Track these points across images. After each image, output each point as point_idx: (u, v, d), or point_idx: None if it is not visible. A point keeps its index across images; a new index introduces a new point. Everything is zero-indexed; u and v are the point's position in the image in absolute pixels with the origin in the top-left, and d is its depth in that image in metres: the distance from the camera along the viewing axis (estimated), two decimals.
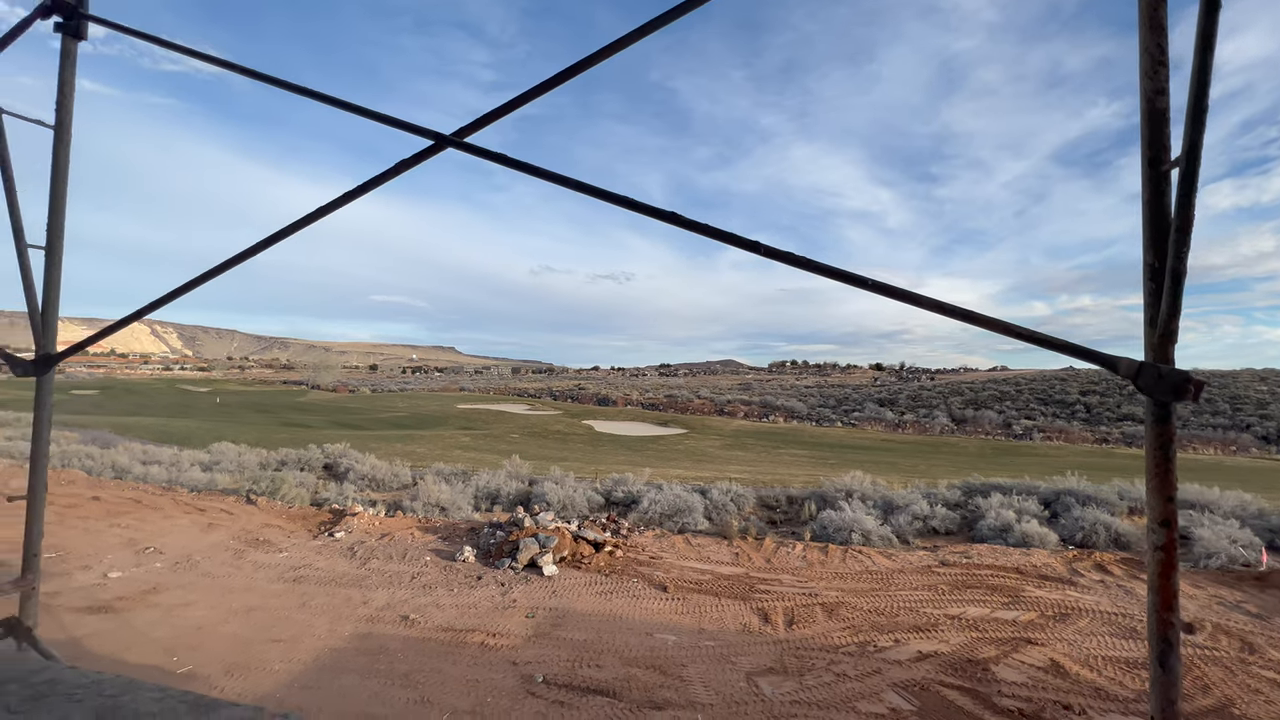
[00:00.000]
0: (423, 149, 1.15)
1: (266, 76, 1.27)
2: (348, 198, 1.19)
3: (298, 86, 1.27)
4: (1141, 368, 0.79)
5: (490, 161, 1.13)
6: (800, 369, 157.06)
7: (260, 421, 45.46)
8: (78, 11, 1.55)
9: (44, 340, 1.47)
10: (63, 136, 1.55)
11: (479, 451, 30.25)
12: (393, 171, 1.16)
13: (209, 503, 14.82)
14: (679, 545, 12.19)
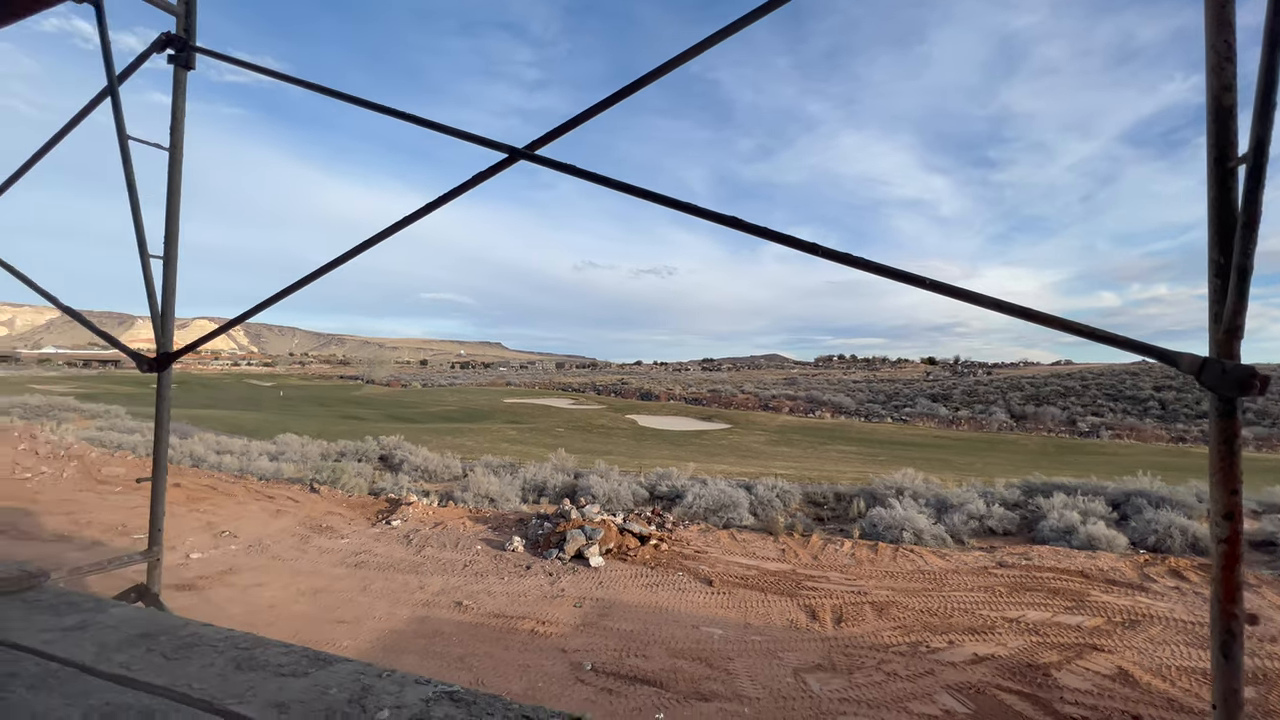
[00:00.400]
0: (497, 161, 1.25)
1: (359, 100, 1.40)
2: (430, 208, 1.30)
3: (387, 108, 1.38)
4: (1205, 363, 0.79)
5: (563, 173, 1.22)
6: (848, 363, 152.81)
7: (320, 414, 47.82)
8: (188, 45, 1.72)
9: (163, 340, 1.65)
10: (176, 157, 1.74)
11: (525, 445, 30.94)
12: (471, 183, 1.25)
13: (276, 490, 15.75)
14: (724, 540, 12.19)
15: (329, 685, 0.94)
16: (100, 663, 0.99)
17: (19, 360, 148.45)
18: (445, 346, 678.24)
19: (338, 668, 0.96)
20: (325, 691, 0.92)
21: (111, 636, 1.09)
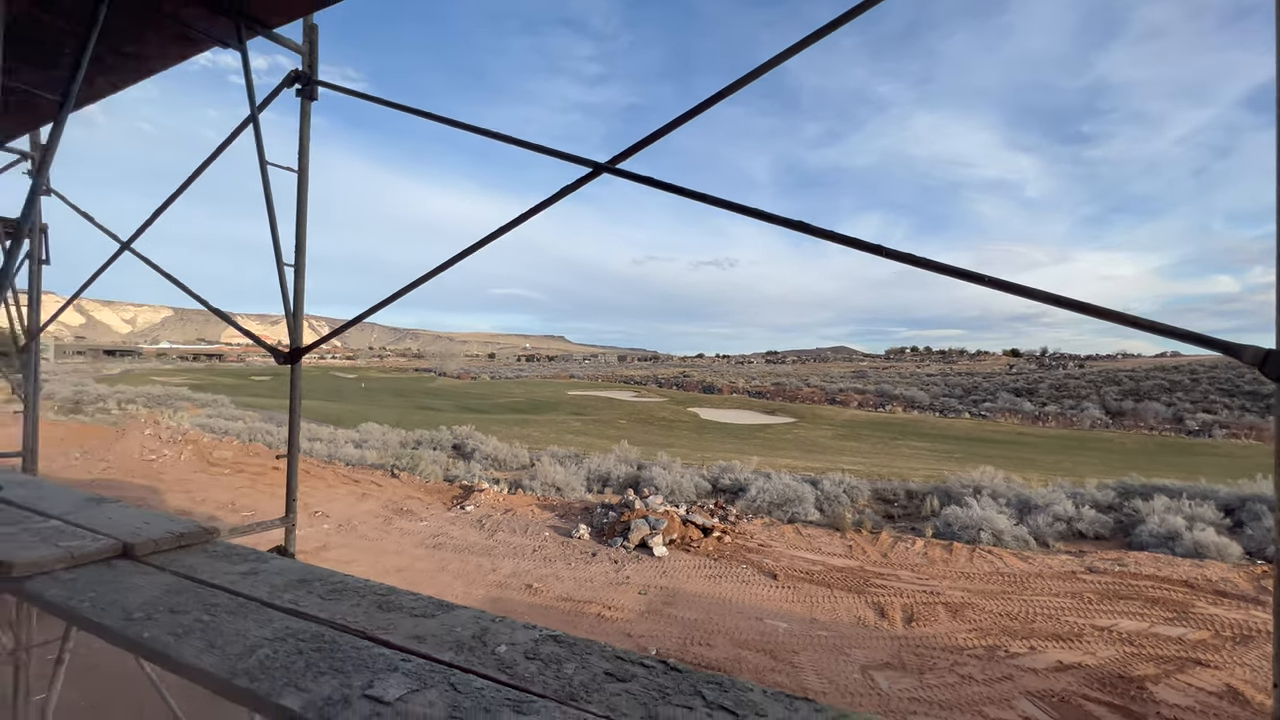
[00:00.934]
0: (582, 175, 1.38)
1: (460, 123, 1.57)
2: (522, 218, 1.45)
3: (487, 130, 1.55)
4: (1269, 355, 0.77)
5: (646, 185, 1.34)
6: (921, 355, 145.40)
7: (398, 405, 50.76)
8: (312, 80, 1.97)
9: (295, 336, 1.91)
10: (303, 178, 1.99)
11: (589, 436, 31.61)
12: (558, 195, 1.39)
13: (361, 475, 16.94)
14: (788, 534, 12.07)
15: (454, 625, 1.11)
16: (274, 599, 1.22)
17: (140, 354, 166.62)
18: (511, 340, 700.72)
19: (459, 612, 1.14)
20: (452, 629, 1.09)
21: (278, 580, 1.32)
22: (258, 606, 1.18)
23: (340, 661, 0.96)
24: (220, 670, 0.93)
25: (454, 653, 0.99)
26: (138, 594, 1.22)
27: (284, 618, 1.13)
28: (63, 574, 1.33)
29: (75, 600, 1.19)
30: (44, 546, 1.41)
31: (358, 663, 0.96)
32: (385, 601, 1.19)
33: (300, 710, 0.82)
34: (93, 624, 1.10)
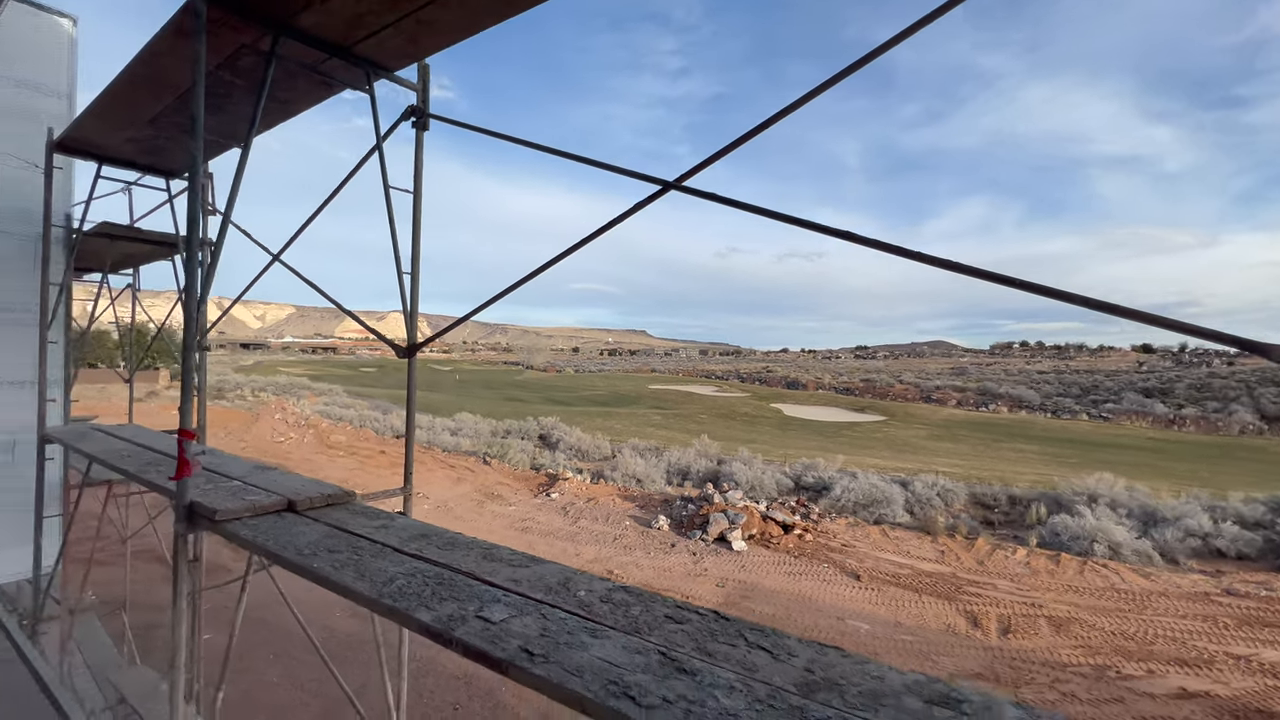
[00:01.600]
0: (652, 193, 1.55)
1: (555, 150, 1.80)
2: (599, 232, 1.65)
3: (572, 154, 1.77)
4: None
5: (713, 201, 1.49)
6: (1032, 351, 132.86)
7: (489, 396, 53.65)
8: (425, 113, 2.29)
9: (411, 334, 2.25)
10: (417, 199, 2.33)
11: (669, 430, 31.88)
12: (630, 212, 1.57)
13: (456, 461, 18.21)
14: (874, 536, 11.68)
15: (544, 574, 1.34)
16: (403, 546, 1.51)
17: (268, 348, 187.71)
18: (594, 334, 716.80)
19: (548, 565, 1.36)
20: (542, 577, 1.32)
21: (404, 533, 1.62)
22: (391, 551, 1.47)
23: (456, 592, 1.21)
24: (370, 592, 1.21)
25: (543, 593, 1.21)
26: (303, 537, 1.57)
27: (411, 560, 1.41)
28: (249, 520, 1.71)
29: (260, 539, 1.55)
30: (234, 500, 1.81)
31: (469, 594, 1.20)
32: (489, 554, 1.44)
33: (431, 622, 1.07)
34: (276, 556, 1.44)
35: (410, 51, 2.14)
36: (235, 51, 2.20)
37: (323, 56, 2.14)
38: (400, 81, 2.32)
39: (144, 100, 2.81)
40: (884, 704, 0.84)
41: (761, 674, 0.91)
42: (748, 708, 0.83)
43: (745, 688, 0.87)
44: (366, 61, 2.18)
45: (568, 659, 0.95)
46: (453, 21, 1.90)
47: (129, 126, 3.18)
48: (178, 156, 3.74)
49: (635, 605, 1.15)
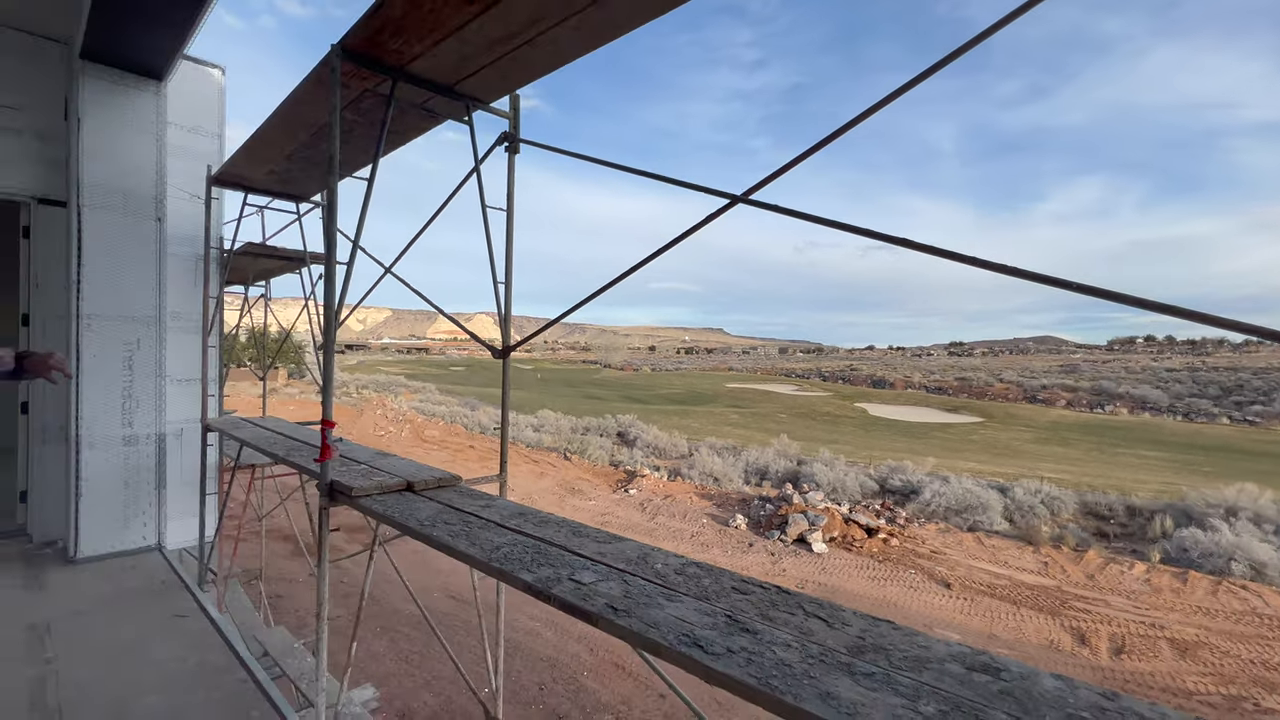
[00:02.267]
0: (720, 207, 1.66)
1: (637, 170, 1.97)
2: (673, 243, 1.80)
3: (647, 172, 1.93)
4: None
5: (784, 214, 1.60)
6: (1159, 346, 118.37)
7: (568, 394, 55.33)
8: (516, 139, 2.55)
9: (506, 336, 2.51)
10: (510, 216, 2.59)
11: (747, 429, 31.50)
12: (700, 225, 1.70)
13: (539, 456, 19.02)
14: (967, 543, 11.05)
15: (625, 549, 1.52)
16: (504, 522, 1.75)
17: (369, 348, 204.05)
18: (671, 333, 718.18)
19: (628, 543, 1.54)
20: (623, 552, 1.50)
21: (504, 512, 1.86)
22: (494, 525, 1.71)
23: (551, 560, 1.41)
24: (481, 557, 1.44)
25: (625, 564, 1.39)
26: (422, 512, 1.85)
27: (511, 534, 1.64)
28: (378, 497, 2.03)
29: (389, 512, 1.84)
30: (364, 480, 2.14)
31: (562, 562, 1.40)
32: (577, 531, 1.64)
33: (532, 581, 1.27)
34: (403, 526, 1.72)
35: (504, 86, 2.40)
36: (359, 95, 2.56)
37: (430, 95, 2.44)
38: (495, 111, 2.59)
39: (284, 139, 3.29)
40: (927, 667, 0.93)
41: (816, 637, 1.03)
42: (801, 660, 0.95)
43: (800, 646, 0.99)
44: (467, 97, 2.47)
45: (646, 615, 1.11)
46: (543, 58, 2.13)
47: (270, 161, 3.72)
48: (306, 184, 4.29)
49: (705, 578, 1.30)
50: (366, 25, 2.06)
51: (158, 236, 4.06)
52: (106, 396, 3.83)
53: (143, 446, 3.99)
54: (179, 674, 2.38)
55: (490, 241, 2.51)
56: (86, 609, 2.98)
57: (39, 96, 4.00)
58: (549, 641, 6.93)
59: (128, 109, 3.91)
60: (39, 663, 2.45)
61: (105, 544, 3.81)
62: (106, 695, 2.23)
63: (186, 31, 3.39)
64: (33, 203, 3.99)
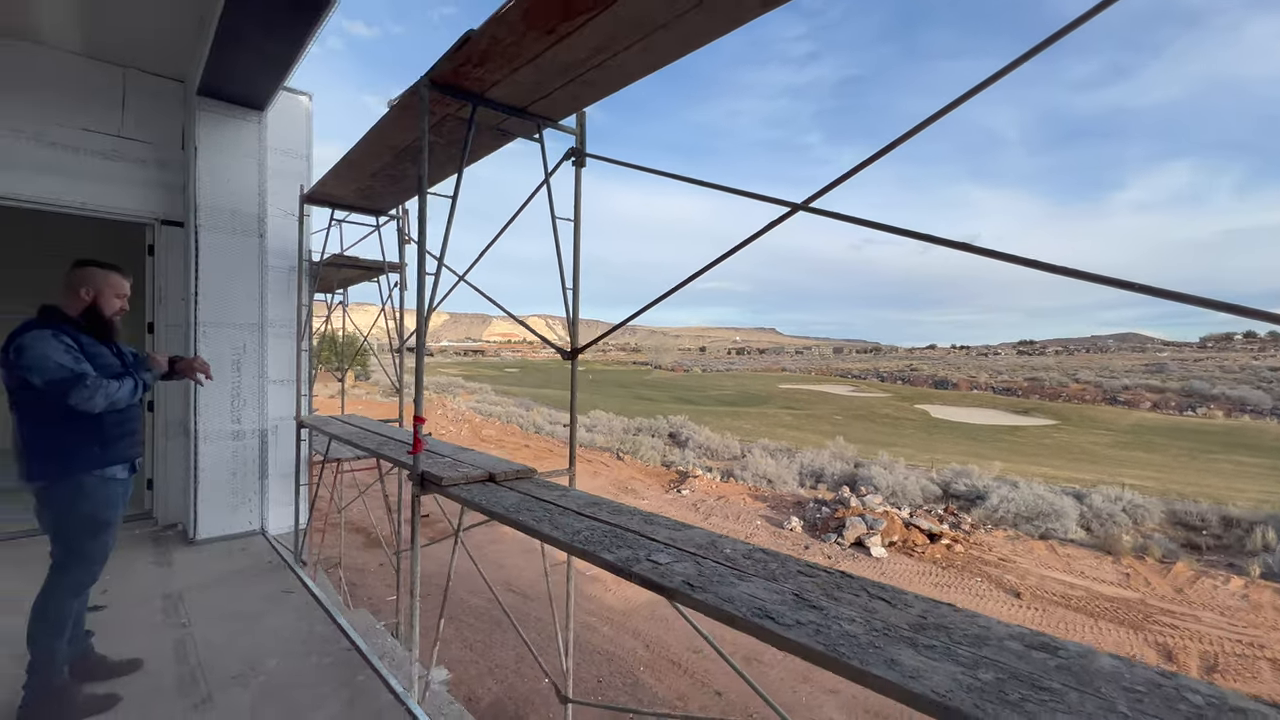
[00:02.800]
0: (781, 215, 1.76)
1: (695, 179, 2.10)
2: (731, 252, 1.91)
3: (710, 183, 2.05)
4: None
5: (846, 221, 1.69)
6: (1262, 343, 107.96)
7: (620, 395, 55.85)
8: (582, 153, 2.72)
9: (574, 339, 2.68)
10: (577, 226, 2.76)
11: (801, 431, 30.93)
12: (759, 233, 1.79)
13: (592, 456, 19.36)
14: (1038, 551, 10.55)
15: (694, 536, 1.64)
16: (580, 510, 1.91)
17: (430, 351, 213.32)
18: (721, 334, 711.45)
19: (697, 530, 1.67)
20: (693, 538, 1.62)
21: (579, 501, 2.03)
22: (572, 513, 1.87)
23: (628, 543, 1.55)
24: (564, 539, 1.60)
25: (695, 549, 1.51)
26: (506, 500, 2.03)
27: (588, 520, 1.79)
28: (465, 486, 2.24)
29: (476, 499, 2.04)
30: (451, 471, 2.36)
31: (638, 545, 1.54)
32: (648, 519, 1.78)
33: (614, 560, 1.42)
34: (490, 512, 1.91)
35: (573, 105, 2.57)
36: (440, 119, 2.79)
37: (505, 116, 2.65)
38: (563, 129, 2.77)
39: (371, 161, 3.60)
40: (987, 643, 1.00)
41: (879, 615, 1.11)
42: (865, 633, 1.04)
43: (865, 621, 1.09)
44: (538, 116, 2.66)
45: (720, 591, 1.23)
46: (609, 79, 2.28)
47: (357, 180, 4.06)
48: (385, 199, 4.64)
49: (772, 562, 1.40)
50: (452, 59, 2.27)
51: (260, 251, 4.51)
52: (219, 396, 4.29)
53: (248, 441, 4.44)
54: (292, 641, 2.69)
55: (560, 249, 2.69)
56: (209, 583, 3.38)
57: (161, 130, 4.52)
58: (606, 636, 7.13)
59: (235, 137, 4.37)
60: (177, 626, 2.82)
61: (218, 527, 4.27)
62: (235, 655, 2.56)
63: (288, 68, 3.76)
64: (156, 224, 4.51)
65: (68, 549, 2.18)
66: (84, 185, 4.21)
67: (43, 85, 4.09)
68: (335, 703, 2.23)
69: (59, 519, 2.17)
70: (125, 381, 2.19)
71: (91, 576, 2.24)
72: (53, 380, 2.04)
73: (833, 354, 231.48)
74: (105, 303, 2.29)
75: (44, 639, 2.13)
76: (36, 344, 2.06)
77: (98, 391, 2.08)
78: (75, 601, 2.22)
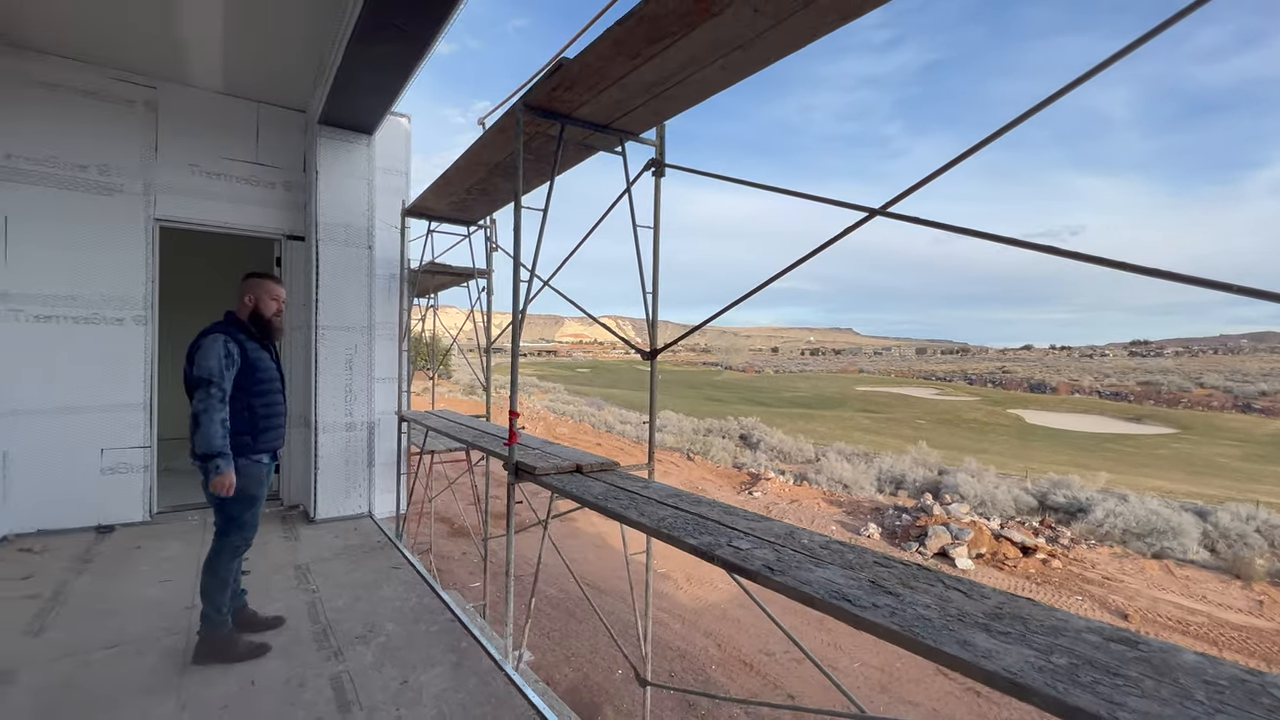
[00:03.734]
0: (857, 220, 1.81)
1: (771, 187, 2.19)
2: (804, 259, 1.98)
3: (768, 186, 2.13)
4: None
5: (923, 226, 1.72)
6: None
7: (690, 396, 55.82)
8: (662, 164, 2.86)
9: (653, 340, 2.84)
10: (656, 234, 2.91)
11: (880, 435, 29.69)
12: (835, 239, 1.85)
13: (663, 456, 19.52)
14: (1151, 571, 9.65)
15: (772, 527, 1.74)
16: (663, 499, 2.05)
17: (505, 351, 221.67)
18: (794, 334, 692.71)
19: (775, 522, 1.76)
20: (771, 529, 1.72)
21: (661, 492, 2.17)
22: (655, 502, 2.02)
23: (710, 530, 1.68)
24: (650, 524, 1.75)
25: (774, 538, 1.61)
26: (593, 489, 2.22)
27: (671, 509, 1.93)
28: (555, 476, 2.45)
29: (568, 488, 2.24)
30: (543, 461, 2.58)
31: (719, 532, 1.66)
32: (728, 510, 1.89)
33: (698, 545, 1.55)
34: (581, 499, 2.09)
35: (653, 120, 2.73)
36: (531, 138, 3.03)
37: (590, 133, 2.84)
38: (644, 141, 2.93)
39: (466, 177, 3.94)
40: (1064, 634, 1.04)
41: (955, 604, 1.17)
42: (940, 618, 1.10)
43: (939, 608, 1.15)
44: (621, 131, 2.84)
45: (799, 575, 1.32)
46: (690, 95, 2.41)
47: (452, 195, 4.43)
48: (475, 210, 5.01)
49: (849, 553, 1.48)
50: (544, 85, 2.49)
51: (369, 261, 5.01)
52: (334, 391, 4.81)
53: (358, 433, 4.94)
54: (404, 609, 3.03)
55: (640, 255, 2.85)
56: (329, 557, 3.83)
57: (287, 155, 5.12)
58: (678, 633, 7.25)
59: (349, 160, 4.88)
60: (308, 591, 3.24)
61: (334, 509, 4.79)
62: (357, 619, 2.92)
63: (395, 98, 4.19)
64: (283, 239, 5.11)
65: (228, 518, 2.60)
66: (227, 207, 4.86)
67: (196, 122, 4.76)
68: (443, 665, 2.51)
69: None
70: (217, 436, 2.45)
71: (246, 542, 2.65)
72: (199, 376, 2.46)
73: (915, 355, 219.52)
74: (264, 306, 2.73)
75: (213, 592, 2.57)
76: (206, 345, 2.52)
77: (211, 405, 2.44)
78: (235, 562, 2.65)
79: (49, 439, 4.23)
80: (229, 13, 3.73)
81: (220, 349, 2.50)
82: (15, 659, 2.55)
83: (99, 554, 3.82)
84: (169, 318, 4.93)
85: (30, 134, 4.18)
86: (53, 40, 4.12)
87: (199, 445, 2.44)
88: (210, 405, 2.43)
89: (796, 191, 2.08)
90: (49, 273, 4.24)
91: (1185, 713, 0.81)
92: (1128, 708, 0.82)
